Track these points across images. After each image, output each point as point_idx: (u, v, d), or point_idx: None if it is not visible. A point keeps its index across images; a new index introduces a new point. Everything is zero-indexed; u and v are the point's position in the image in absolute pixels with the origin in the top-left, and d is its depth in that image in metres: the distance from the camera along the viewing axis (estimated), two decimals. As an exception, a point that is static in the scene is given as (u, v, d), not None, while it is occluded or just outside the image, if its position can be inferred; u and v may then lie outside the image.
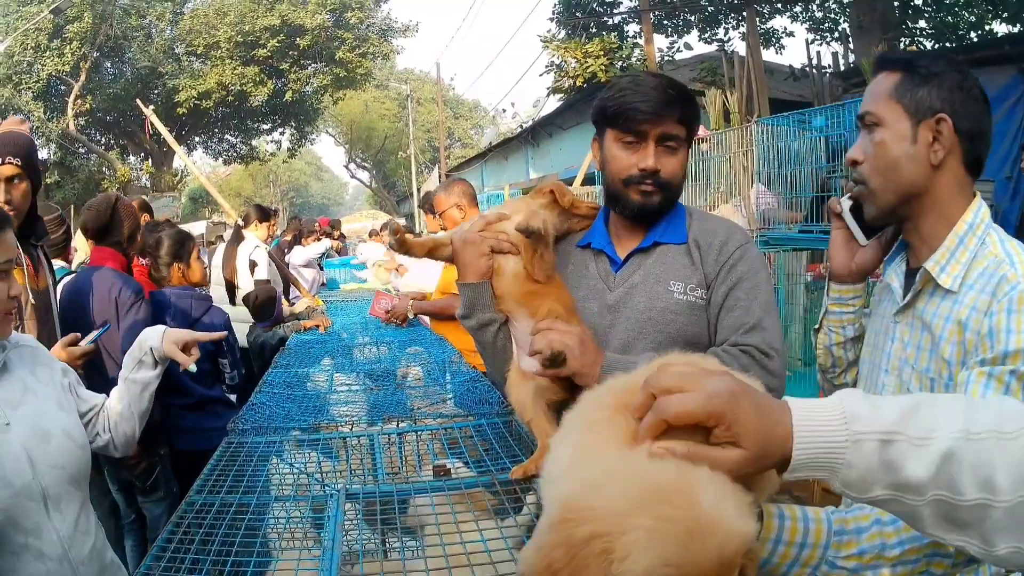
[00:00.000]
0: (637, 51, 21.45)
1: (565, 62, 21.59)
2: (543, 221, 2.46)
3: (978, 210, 2.06)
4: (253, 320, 6.91)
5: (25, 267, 3.55)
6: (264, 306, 6.78)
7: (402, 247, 2.59)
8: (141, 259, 5.14)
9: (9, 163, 3.52)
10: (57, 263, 4.90)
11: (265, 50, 34.93)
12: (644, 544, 1.06)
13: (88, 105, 33.78)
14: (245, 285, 7.31)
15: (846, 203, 2.28)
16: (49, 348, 3.01)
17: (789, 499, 6.54)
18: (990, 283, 1.94)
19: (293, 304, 7.74)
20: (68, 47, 31.54)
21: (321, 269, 11.51)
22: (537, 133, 24.65)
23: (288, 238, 11.54)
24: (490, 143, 39.39)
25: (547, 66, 22.85)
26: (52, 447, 2.47)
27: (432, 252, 2.64)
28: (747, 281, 2.49)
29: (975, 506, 1.14)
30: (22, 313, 3.51)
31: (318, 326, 6.00)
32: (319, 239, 11.80)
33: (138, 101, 21.93)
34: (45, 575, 2.37)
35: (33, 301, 3.62)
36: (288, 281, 8.43)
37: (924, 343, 2.07)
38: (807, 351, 6.78)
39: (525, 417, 2.43)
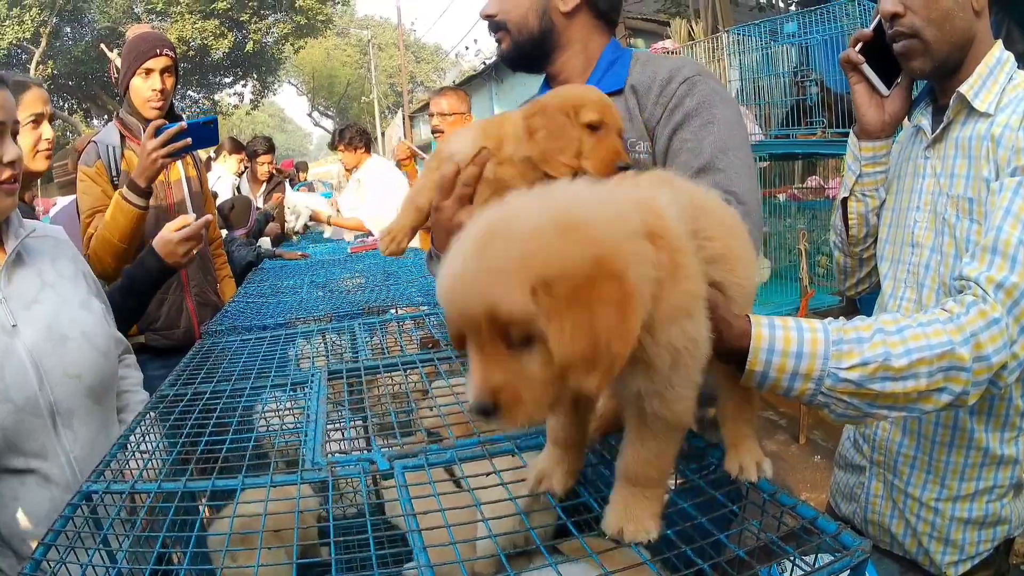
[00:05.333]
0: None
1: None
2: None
3: (1002, 50, 2.07)
4: (227, 229, 6.71)
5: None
6: (239, 213, 6.77)
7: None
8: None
9: (166, 54, 3.79)
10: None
11: (224, 2, 34.20)
12: None
13: (50, 70, 33.03)
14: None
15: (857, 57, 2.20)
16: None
17: (777, 416, 6.50)
18: (1023, 104, 1.94)
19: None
20: (28, 14, 30.91)
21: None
22: (500, 68, 24.34)
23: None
24: (453, 82, 39.10)
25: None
26: (68, 353, 2.21)
27: None
28: (696, 118, 2.08)
29: None
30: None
31: (297, 258, 5.83)
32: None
33: (102, 46, 21.67)
34: (49, 503, 2.12)
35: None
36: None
37: (959, 168, 2.04)
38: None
39: None
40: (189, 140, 3.39)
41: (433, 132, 6.36)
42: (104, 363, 2.34)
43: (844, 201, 2.35)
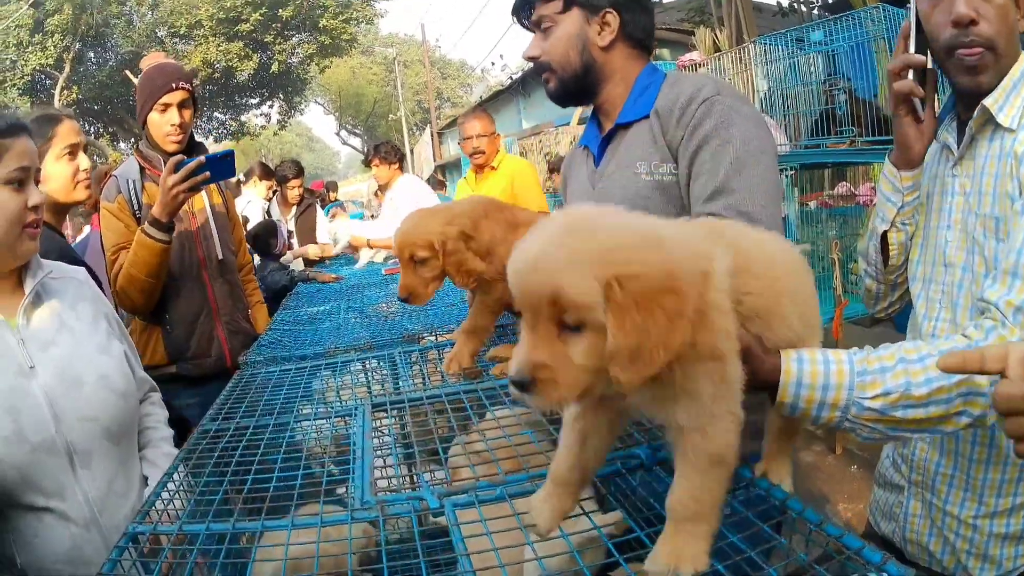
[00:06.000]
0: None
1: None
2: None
3: None
4: (258, 255, 6.76)
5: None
6: (263, 238, 6.86)
7: None
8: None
9: (182, 88, 3.79)
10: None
11: (248, 24, 34.39)
12: None
13: (75, 95, 33.32)
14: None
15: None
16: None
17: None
18: None
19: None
20: (50, 40, 31.13)
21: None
22: (528, 83, 24.40)
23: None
24: (480, 97, 39.19)
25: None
26: (84, 396, 2.23)
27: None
28: (714, 139, 2.16)
29: None
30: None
31: (331, 280, 5.84)
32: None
33: (127, 73, 21.96)
34: (70, 540, 2.15)
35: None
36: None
37: (986, 186, 1.99)
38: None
39: None
40: (208, 174, 3.43)
41: (473, 154, 6.45)
42: (123, 405, 2.37)
43: (884, 234, 2.31)
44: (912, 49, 2.06)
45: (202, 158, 3.43)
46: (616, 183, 2.34)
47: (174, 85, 3.75)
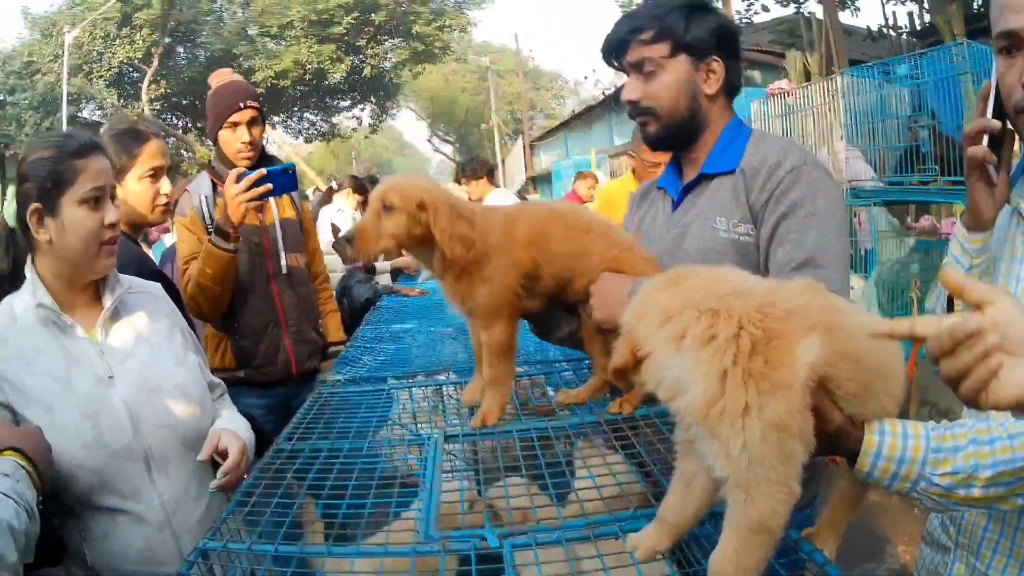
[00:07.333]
0: (714, 14, 21.08)
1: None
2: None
3: None
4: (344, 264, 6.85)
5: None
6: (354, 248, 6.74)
7: None
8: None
9: (249, 107, 3.91)
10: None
11: (340, 27, 34.65)
12: None
13: (163, 90, 34.00)
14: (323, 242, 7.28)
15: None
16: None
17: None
18: None
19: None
20: (138, 34, 31.63)
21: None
22: (620, 99, 24.24)
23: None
24: (573, 111, 39.10)
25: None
26: (161, 404, 2.35)
27: None
28: (801, 208, 2.18)
29: None
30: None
31: (415, 295, 5.88)
32: None
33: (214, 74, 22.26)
34: (143, 541, 2.26)
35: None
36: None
37: None
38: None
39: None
40: (270, 186, 3.53)
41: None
42: (198, 413, 2.47)
43: (950, 297, 2.28)
44: (990, 112, 2.03)
45: (263, 170, 3.53)
46: (693, 234, 2.34)
47: (242, 104, 3.89)
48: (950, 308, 2.27)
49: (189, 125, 37.79)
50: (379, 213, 2.09)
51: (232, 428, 2.52)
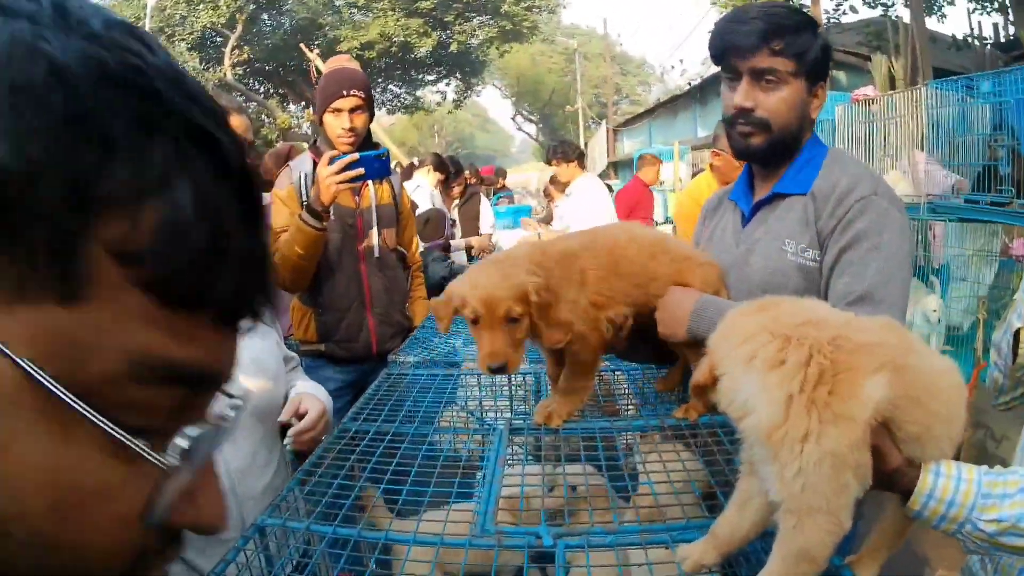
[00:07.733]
0: (803, 12, 20.78)
1: (733, 20, 21.01)
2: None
3: None
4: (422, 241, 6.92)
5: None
6: (433, 226, 6.97)
7: None
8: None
9: (354, 95, 3.93)
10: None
11: (428, 2, 34.62)
12: None
13: (246, 55, 34.17)
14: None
15: None
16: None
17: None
18: None
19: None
20: (223, 0, 31.99)
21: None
22: (705, 91, 24.00)
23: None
24: (658, 99, 38.80)
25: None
26: (235, 375, 2.37)
27: None
28: (866, 240, 2.14)
29: None
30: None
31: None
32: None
33: (302, 46, 22.52)
34: None
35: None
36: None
37: None
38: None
39: None
40: (362, 170, 3.62)
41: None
42: (272, 387, 2.51)
43: (1018, 331, 2.24)
44: None
45: (356, 155, 3.62)
46: (760, 253, 2.32)
47: (345, 92, 3.92)
48: (1015, 343, 2.24)
49: (272, 91, 38.16)
50: (504, 328, 1.94)
51: (312, 392, 2.58)
